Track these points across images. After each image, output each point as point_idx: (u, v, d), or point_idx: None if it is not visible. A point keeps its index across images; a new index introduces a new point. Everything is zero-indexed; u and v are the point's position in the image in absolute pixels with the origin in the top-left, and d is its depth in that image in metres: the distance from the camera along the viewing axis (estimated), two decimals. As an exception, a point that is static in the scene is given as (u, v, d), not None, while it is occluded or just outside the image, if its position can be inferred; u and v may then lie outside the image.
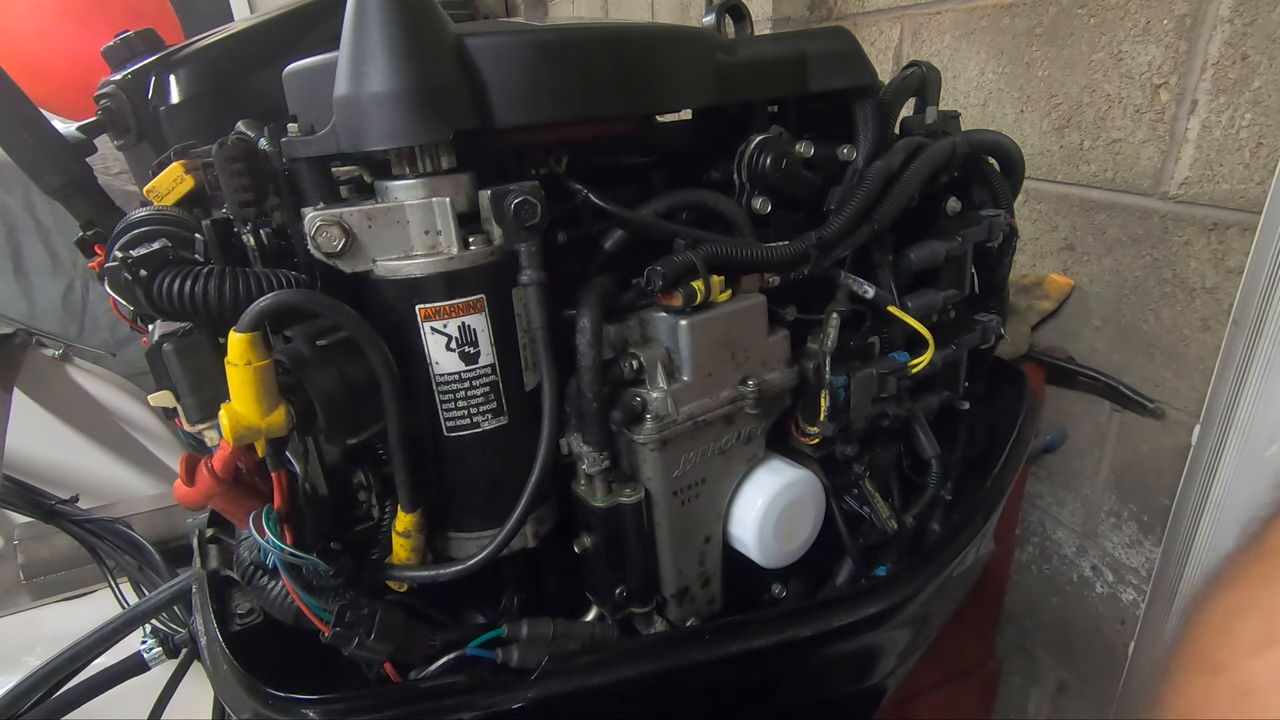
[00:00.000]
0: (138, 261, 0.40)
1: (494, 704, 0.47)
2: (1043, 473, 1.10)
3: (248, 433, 0.40)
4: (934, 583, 0.58)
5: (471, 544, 0.49)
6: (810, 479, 0.56)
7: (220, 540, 0.64)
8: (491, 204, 0.44)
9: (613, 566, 0.52)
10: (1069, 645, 1.13)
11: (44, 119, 0.67)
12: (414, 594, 0.51)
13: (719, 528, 0.56)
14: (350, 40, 0.40)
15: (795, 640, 0.53)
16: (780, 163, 0.54)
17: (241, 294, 0.41)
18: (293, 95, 0.48)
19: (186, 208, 0.51)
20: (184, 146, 0.53)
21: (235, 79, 0.74)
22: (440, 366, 0.44)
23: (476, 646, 0.49)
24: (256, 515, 0.44)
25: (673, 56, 0.50)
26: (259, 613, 0.55)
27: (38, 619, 1.12)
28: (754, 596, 0.61)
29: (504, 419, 0.46)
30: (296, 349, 0.43)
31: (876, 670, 0.62)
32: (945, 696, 1.15)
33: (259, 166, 0.44)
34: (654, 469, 0.50)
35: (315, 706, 0.46)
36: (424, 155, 0.43)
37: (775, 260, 0.53)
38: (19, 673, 0.70)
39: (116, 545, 1.06)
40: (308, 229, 0.42)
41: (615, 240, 0.52)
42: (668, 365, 0.50)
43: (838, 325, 0.57)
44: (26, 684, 0.68)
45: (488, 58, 0.42)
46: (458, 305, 0.43)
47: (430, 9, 0.41)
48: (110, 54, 0.78)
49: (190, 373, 0.44)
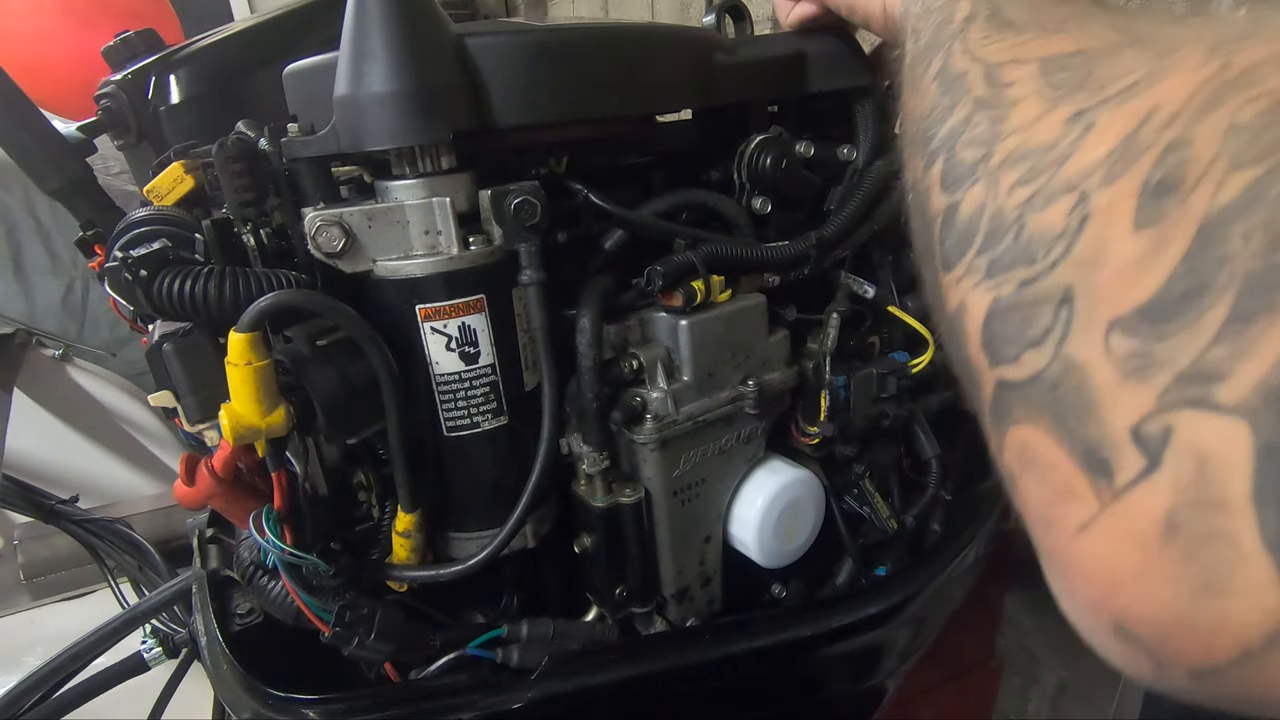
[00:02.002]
0: (138, 261, 0.40)
1: (494, 704, 0.47)
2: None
3: (248, 433, 0.40)
4: (934, 583, 0.58)
5: (471, 544, 0.49)
6: (810, 479, 0.56)
7: (220, 540, 0.64)
8: (491, 204, 0.44)
9: (613, 566, 0.52)
10: (1069, 645, 1.13)
11: (44, 119, 0.67)
12: (414, 594, 0.51)
13: (719, 528, 0.56)
14: (350, 40, 0.40)
15: (795, 640, 0.53)
16: (780, 163, 0.54)
17: (241, 294, 0.41)
18: (293, 95, 0.48)
19: (186, 208, 0.51)
20: (184, 146, 0.53)
21: (235, 79, 0.74)
22: (440, 366, 0.44)
23: (476, 646, 0.49)
24: (256, 515, 0.44)
25: (673, 56, 0.50)
26: (259, 613, 0.55)
27: (38, 619, 1.12)
28: (754, 596, 0.61)
29: (504, 419, 0.46)
30: (296, 349, 0.43)
31: (876, 670, 0.62)
32: (945, 696, 1.15)
33: (259, 166, 0.44)
34: (654, 469, 0.50)
35: (315, 706, 0.46)
36: (424, 155, 0.43)
37: (775, 260, 0.54)
38: (19, 673, 0.70)
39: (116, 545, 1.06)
40: (308, 229, 0.42)
41: (615, 240, 0.52)
42: (668, 365, 0.50)
43: (838, 325, 0.57)
44: (26, 684, 0.68)
45: (488, 58, 0.42)
46: (458, 305, 0.43)
47: (430, 9, 0.41)
48: (110, 54, 0.78)
49: (190, 373, 0.44)
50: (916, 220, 0.29)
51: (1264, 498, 0.14)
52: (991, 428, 0.22)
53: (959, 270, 0.23)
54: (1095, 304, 0.18)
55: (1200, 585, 0.16)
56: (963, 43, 0.30)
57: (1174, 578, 0.16)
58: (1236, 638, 0.15)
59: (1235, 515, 0.15)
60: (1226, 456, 0.15)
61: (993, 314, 0.21)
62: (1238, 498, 0.15)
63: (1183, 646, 0.17)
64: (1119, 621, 0.18)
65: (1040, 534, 0.21)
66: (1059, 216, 0.19)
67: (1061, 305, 0.19)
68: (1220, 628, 0.16)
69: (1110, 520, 0.17)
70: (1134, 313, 0.17)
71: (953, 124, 0.27)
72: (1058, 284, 0.19)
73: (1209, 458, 0.15)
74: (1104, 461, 0.17)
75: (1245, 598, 0.15)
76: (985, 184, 0.23)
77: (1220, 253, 0.15)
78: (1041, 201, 0.20)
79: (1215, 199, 0.16)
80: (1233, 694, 0.17)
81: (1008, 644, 1.24)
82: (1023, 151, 0.22)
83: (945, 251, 0.25)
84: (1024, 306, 0.20)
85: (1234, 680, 0.16)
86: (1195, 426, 0.15)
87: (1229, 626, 0.15)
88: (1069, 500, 0.18)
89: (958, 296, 0.23)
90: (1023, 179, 0.21)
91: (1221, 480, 0.15)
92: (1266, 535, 0.14)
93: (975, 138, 0.25)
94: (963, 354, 0.23)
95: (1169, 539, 0.16)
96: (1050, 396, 0.19)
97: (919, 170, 0.29)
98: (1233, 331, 0.15)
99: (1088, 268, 0.18)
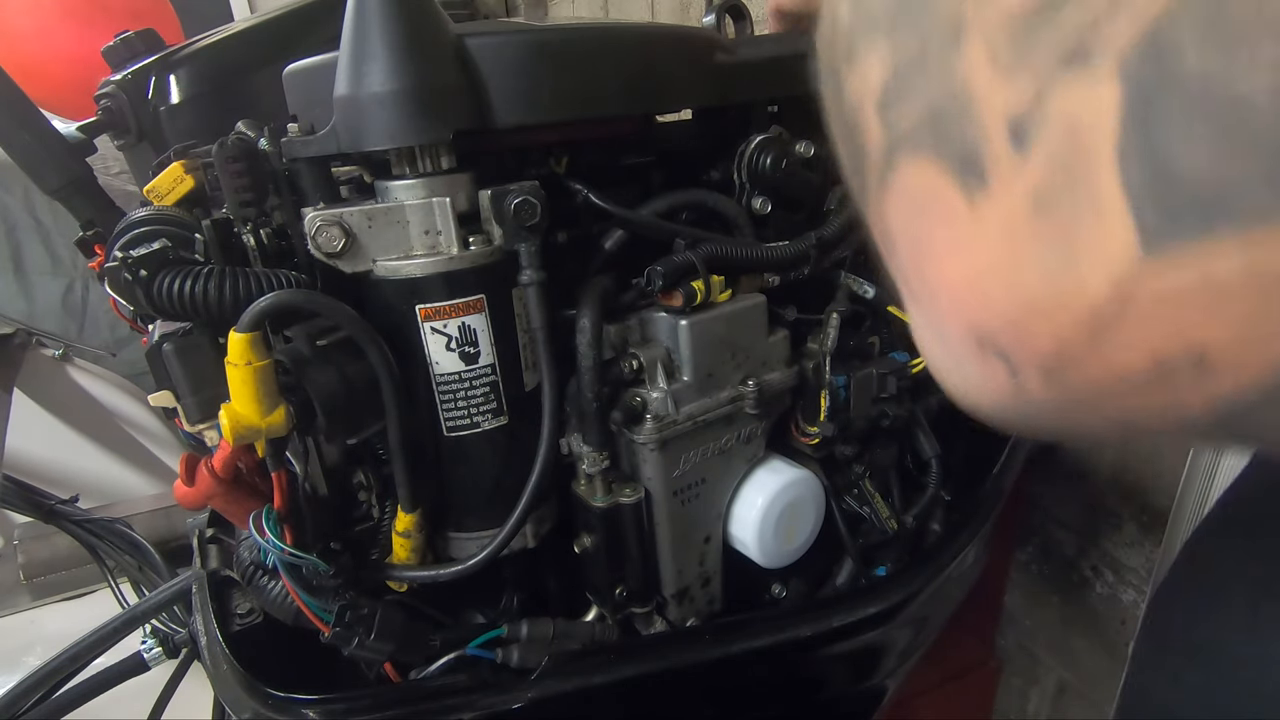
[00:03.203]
0: (138, 261, 0.40)
1: (494, 704, 0.47)
2: (1043, 473, 1.10)
3: (248, 433, 0.40)
4: (934, 583, 0.58)
5: (472, 544, 0.49)
6: (810, 479, 0.56)
7: (220, 540, 0.64)
8: (491, 204, 0.44)
9: (613, 566, 0.52)
10: (1069, 645, 1.13)
11: (44, 119, 0.67)
12: (414, 594, 0.51)
13: (719, 528, 0.56)
14: (350, 40, 0.40)
15: (795, 640, 0.53)
16: (780, 163, 0.54)
17: (241, 294, 0.41)
18: (293, 95, 0.48)
19: (186, 208, 0.51)
20: (184, 146, 0.53)
21: (235, 79, 0.74)
22: (440, 366, 0.44)
23: (476, 646, 0.49)
24: (256, 515, 0.44)
25: (673, 56, 0.50)
26: (259, 613, 0.55)
27: (38, 619, 1.12)
28: (754, 596, 0.61)
29: (504, 419, 0.46)
30: (296, 349, 0.43)
31: (876, 670, 0.62)
32: (945, 696, 1.15)
33: (259, 166, 0.44)
34: (654, 469, 0.50)
35: (315, 706, 0.46)
36: (424, 155, 0.43)
37: (775, 260, 0.53)
38: (19, 673, 0.70)
39: (116, 545, 1.06)
40: (308, 229, 0.42)
41: (615, 240, 0.52)
42: (668, 365, 0.50)
43: (838, 325, 0.57)
44: (26, 684, 0.68)
45: (488, 58, 0.42)
46: (458, 305, 0.43)
47: (430, 9, 0.41)
48: (110, 54, 0.78)
49: (190, 373, 0.44)
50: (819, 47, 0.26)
51: (1127, 143, 0.14)
52: (875, 195, 0.21)
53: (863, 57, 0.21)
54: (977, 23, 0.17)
55: (1060, 257, 0.15)
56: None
57: (1037, 258, 0.16)
58: (1089, 302, 0.15)
59: (1098, 171, 0.14)
60: (1095, 118, 0.14)
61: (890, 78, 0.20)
62: (1102, 154, 0.14)
63: (1037, 333, 0.17)
64: (980, 328, 0.18)
65: (913, 274, 0.20)
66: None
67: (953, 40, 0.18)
68: (1073, 296, 0.15)
69: (978, 225, 0.17)
70: (1013, 17, 0.16)
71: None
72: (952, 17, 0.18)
73: (1078, 122, 0.15)
74: (976, 162, 0.17)
75: (1098, 251, 0.15)
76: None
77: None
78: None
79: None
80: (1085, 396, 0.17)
81: (1008, 644, 1.24)
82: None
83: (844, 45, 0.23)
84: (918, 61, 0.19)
85: (1085, 376, 0.16)
86: (1066, 94, 0.15)
87: (1083, 291, 0.15)
88: (943, 222, 0.18)
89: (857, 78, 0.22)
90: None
91: (1088, 143, 0.14)
92: (1126, 179, 0.14)
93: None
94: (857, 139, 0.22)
95: (1035, 218, 0.16)
96: (933, 125, 0.18)
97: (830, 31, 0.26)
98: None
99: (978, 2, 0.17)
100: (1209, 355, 0.15)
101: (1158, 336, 0.15)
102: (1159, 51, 0.14)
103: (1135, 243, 0.14)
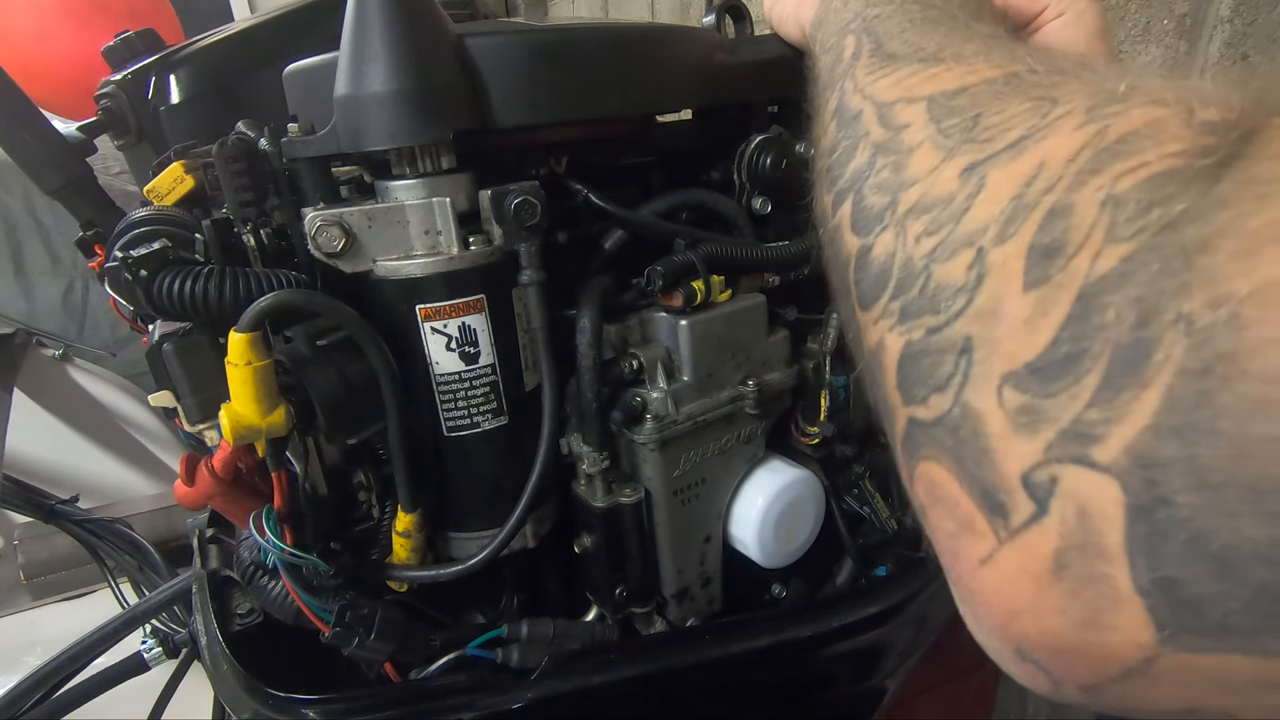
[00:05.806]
0: (138, 261, 0.40)
1: (494, 704, 0.47)
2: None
3: (248, 433, 0.40)
4: (934, 583, 0.58)
5: (472, 544, 0.49)
6: (810, 479, 0.56)
7: (220, 540, 0.64)
8: (491, 204, 0.44)
9: (613, 566, 0.52)
10: (1069, 645, 1.13)
11: (44, 119, 0.67)
12: (414, 594, 0.51)
13: (719, 528, 0.56)
14: (350, 40, 0.40)
15: (795, 640, 0.53)
16: (780, 163, 0.54)
17: (241, 294, 0.41)
18: (293, 95, 0.48)
19: (186, 208, 0.51)
20: (184, 146, 0.53)
21: (235, 79, 0.74)
22: (440, 366, 0.44)
23: (476, 646, 0.49)
24: (256, 515, 0.44)
25: (673, 56, 0.50)
26: (259, 613, 0.55)
27: (38, 619, 1.13)
28: (754, 596, 0.61)
29: (504, 419, 0.46)
30: (296, 349, 0.43)
31: (876, 670, 0.62)
32: (945, 696, 1.15)
33: (259, 166, 0.44)
34: (654, 469, 0.50)
35: (315, 706, 0.46)
36: (424, 155, 0.43)
37: (775, 260, 0.53)
38: (19, 673, 0.70)
39: (116, 545, 1.06)
40: (308, 229, 0.42)
41: (615, 240, 0.52)
42: (668, 365, 0.50)
43: (838, 325, 0.57)
44: (26, 684, 0.68)
45: (488, 58, 0.42)
46: (458, 305, 0.43)
47: (430, 9, 0.41)
48: (110, 54, 0.78)
49: (190, 373, 0.44)
50: (830, 254, 0.32)
51: (1135, 548, 0.16)
52: (903, 461, 0.24)
53: (875, 312, 0.25)
54: (991, 356, 0.20)
55: (1086, 619, 0.18)
56: (853, 80, 0.32)
57: (1063, 610, 0.18)
58: (1119, 663, 0.18)
59: (1112, 562, 0.17)
60: (1103, 509, 0.17)
61: (905, 356, 0.23)
62: (1114, 546, 0.17)
63: (1074, 668, 0.19)
64: (1018, 645, 0.20)
65: (948, 562, 0.23)
66: (960, 270, 0.21)
67: (962, 354, 0.21)
68: (1104, 655, 0.18)
69: (1007, 556, 0.19)
70: (1023, 369, 0.19)
71: (857, 166, 0.29)
72: (959, 334, 0.21)
73: (1088, 509, 0.17)
74: (999, 503, 0.19)
75: (1123, 632, 0.17)
76: (894, 232, 0.25)
77: (1097, 321, 0.17)
78: (945, 254, 0.22)
79: (1093, 268, 0.18)
80: (1119, 705, 0.19)
81: (1008, 644, 1.24)
82: (925, 203, 0.24)
83: (861, 292, 0.27)
84: (931, 353, 0.22)
85: (1119, 694, 0.19)
86: (1076, 479, 0.17)
87: (1112, 654, 0.18)
88: (971, 535, 0.20)
89: (875, 336, 0.25)
90: (928, 230, 0.23)
91: (1100, 529, 0.17)
92: (1138, 581, 0.16)
93: (880, 184, 0.27)
94: (880, 390, 0.25)
95: (1057, 576, 0.18)
96: (952, 439, 0.21)
97: (828, 207, 0.31)
98: (1105, 398, 0.17)
99: (985, 321, 0.20)
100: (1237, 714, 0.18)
101: (1190, 695, 0.18)
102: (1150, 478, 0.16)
103: (1153, 633, 0.17)
